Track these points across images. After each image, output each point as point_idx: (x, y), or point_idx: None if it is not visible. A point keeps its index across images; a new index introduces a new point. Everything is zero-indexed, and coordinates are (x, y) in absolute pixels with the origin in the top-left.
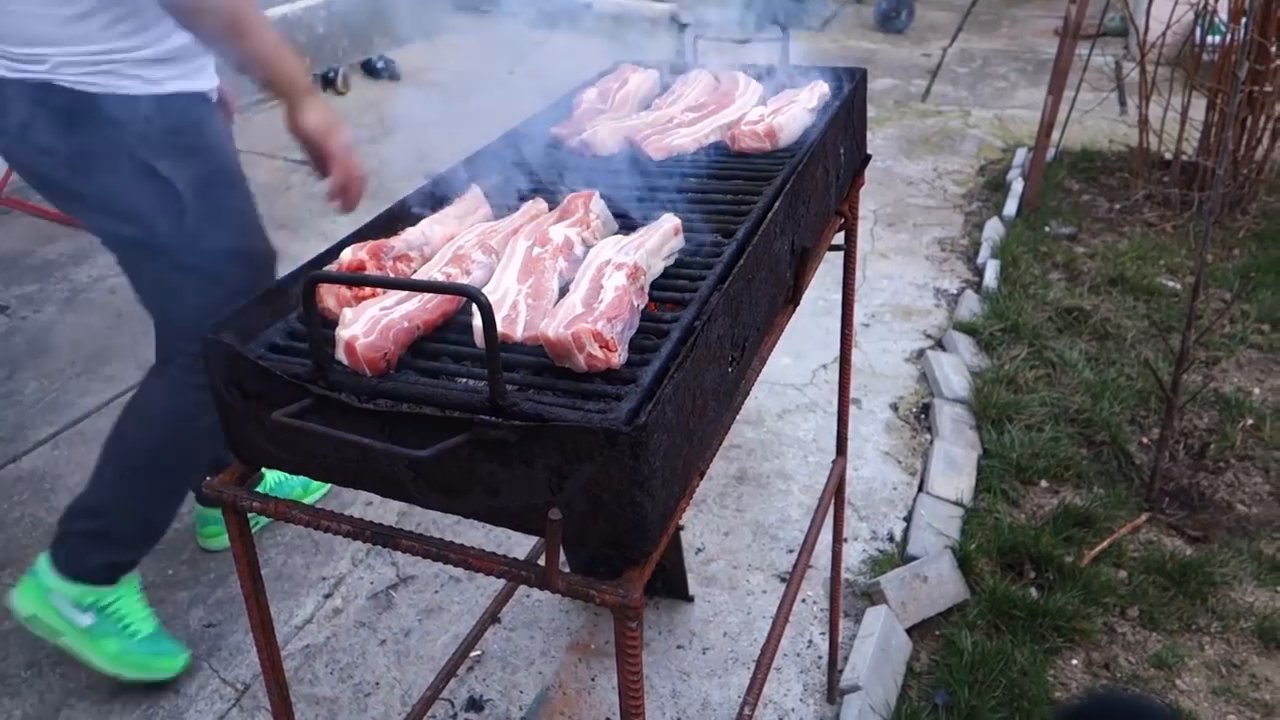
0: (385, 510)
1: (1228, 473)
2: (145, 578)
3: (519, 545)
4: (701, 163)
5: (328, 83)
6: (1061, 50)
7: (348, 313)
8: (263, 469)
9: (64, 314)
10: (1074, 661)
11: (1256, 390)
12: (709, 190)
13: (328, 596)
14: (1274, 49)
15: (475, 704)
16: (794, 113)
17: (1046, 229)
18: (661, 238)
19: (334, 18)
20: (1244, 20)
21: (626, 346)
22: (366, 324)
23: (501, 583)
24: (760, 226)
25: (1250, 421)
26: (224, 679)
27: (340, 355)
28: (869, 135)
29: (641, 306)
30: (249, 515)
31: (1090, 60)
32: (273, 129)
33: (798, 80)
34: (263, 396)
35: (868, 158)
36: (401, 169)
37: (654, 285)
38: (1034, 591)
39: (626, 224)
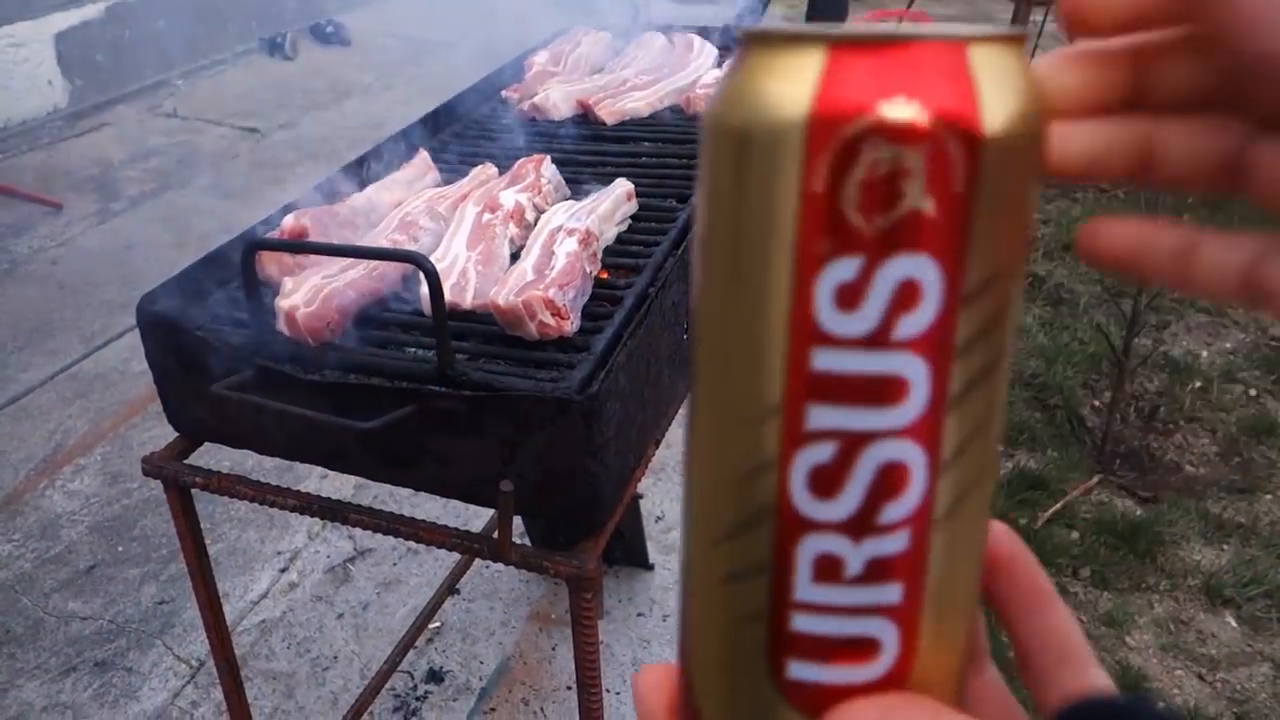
0: (341, 483)
1: (1177, 434)
2: (95, 555)
3: (477, 516)
4: (655, 126)
5: (275, 48)
6: (1016, 16)
7: (288, 282)
8: None
9: (4, 286)
10: None
11: (1204, 353)
12: (663, 154)
13: (283, 571)
14: None
15: (435, 675)
16: None
17: None
18: (614, 203)
19: None
20: None
21: (579, 314)
22: (308, 293)
23: (460, 554)
24: None
25: (1198, 384)
26: (178, 655)
27: (281, 326)
28: None
29: (594, 273)
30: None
31: (1044, 27)
32: (218, 96)
33: None
34: (202, 368)
35: None
36: (351, 135)
37: (607, 251)
38: None
39: (579, 189)
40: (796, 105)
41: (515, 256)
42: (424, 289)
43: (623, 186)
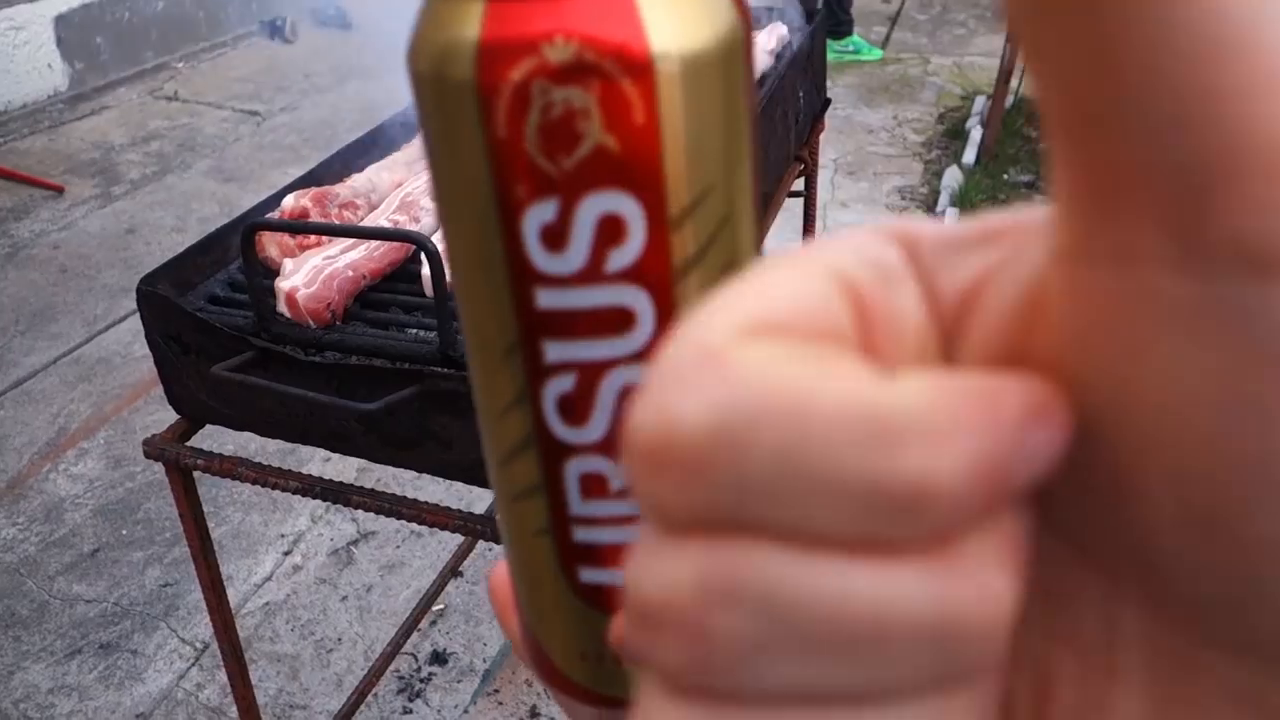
0: (344, 466)
1: None
2: (99, 538)
3: (480, 499)
4: None
5: (275, 31)
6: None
7: (288, 263)
8: None
9: (5, 270)
10: None
11: None
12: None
13: (287, 554)
14: None
15: (439, 657)
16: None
17: (1005, 176)
18: None
19: None
20: None
21: None
22: (308, 274)
23: (462, 537)
24: None
25: None
26: (182, 638)
27: (281, 307)
28: (828, 83)
29: None
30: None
31: None
32: (219, 79)
33: (757, 21)
34: (203, 350)
35: (827, 102)
36: (352, 119)
37: None
38: None
39: None
40: (464, 54)
41: None
42: (425, 269)
43: None
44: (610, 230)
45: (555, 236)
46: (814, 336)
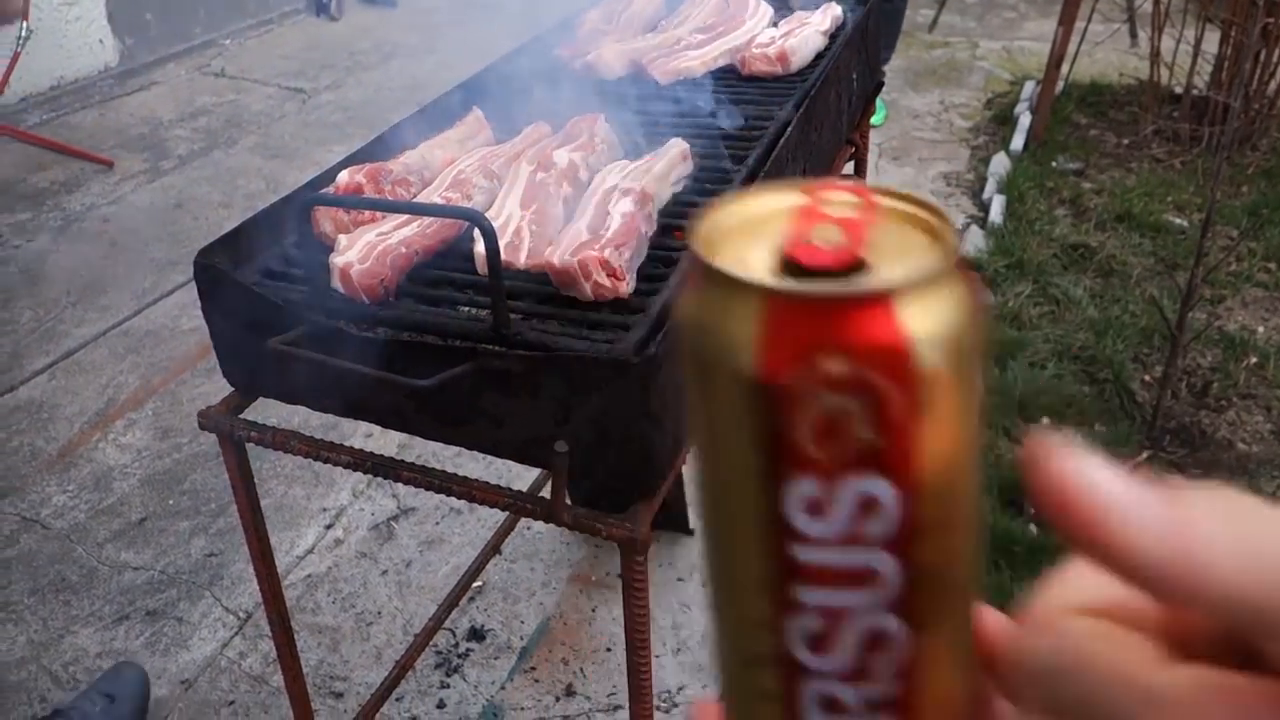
0: (386, 441)
1: (1229, 411)
2: (147, 508)
3: (519, 477)
4: (710, 86)
5: (321, 8)
6: (1063, 16)
7: (343, 239)
8: None
9: (57, 243)
10: None
11: (1261, 329)
12: (717, 115)
13: (329, 527)
14: None
15: (477, 634)
16: (806, 35)
17: (1053, 164)
18: (669, 163)
19: None
20: None
21: (635, 275)
22: (362, 250)
23: (502, 515)
24: (772, 152)
25: (1254, 360)
26: (226, 607)
27: (336, 283)
28: None
29: (650, 234)
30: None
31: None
32: (265, 56)
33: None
34: (258, 323)
35: (880, 84)
36: (397, 97)
37: (662, 212)
38: (1034, 528)
39: (632, 149)
40: (743, 349)
41: (569, 216)
42: (479, 247)
43: (677, 147)
44: (868, 506)
45: (816, 507)
46: (1123, 621)
